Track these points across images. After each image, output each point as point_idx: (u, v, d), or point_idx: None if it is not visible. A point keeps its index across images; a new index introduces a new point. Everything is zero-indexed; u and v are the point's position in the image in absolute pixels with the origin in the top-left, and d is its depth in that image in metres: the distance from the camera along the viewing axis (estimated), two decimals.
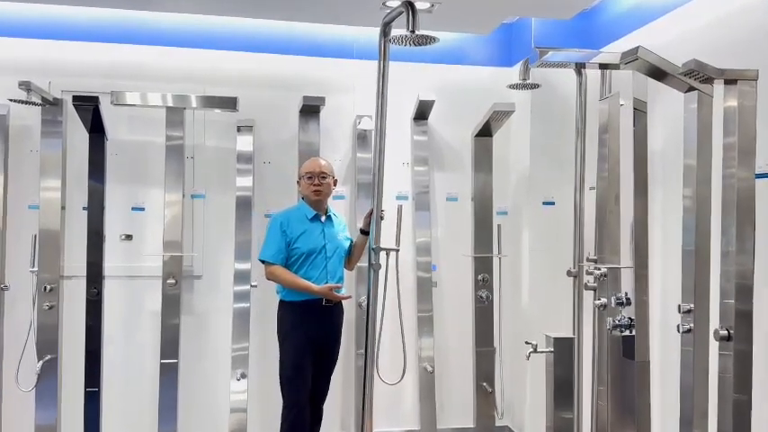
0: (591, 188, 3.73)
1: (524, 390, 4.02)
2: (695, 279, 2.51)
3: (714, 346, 2.47)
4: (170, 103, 3.70)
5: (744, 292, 2.28)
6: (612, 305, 2.89)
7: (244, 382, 3.67)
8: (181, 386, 3.74)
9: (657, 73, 2.51)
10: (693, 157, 2.52)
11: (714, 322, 2.49)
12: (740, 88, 2.27)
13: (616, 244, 3.15)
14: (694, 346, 2.51)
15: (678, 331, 2.54)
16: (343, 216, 3.68)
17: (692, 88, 2.53)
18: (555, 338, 3.06)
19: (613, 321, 2.88)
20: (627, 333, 2.88)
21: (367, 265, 2.83)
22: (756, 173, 2.34)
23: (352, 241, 3.44)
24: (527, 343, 3.10)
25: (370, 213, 3.14)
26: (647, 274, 2.87)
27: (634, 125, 2.86)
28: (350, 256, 3.44)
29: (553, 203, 3.99)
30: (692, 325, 2.52)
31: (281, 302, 3.28)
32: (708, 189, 2.53)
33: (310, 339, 3.20)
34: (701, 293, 2.53)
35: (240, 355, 3.70)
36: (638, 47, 2.42)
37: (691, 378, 2.51)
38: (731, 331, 2.29)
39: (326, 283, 3.20)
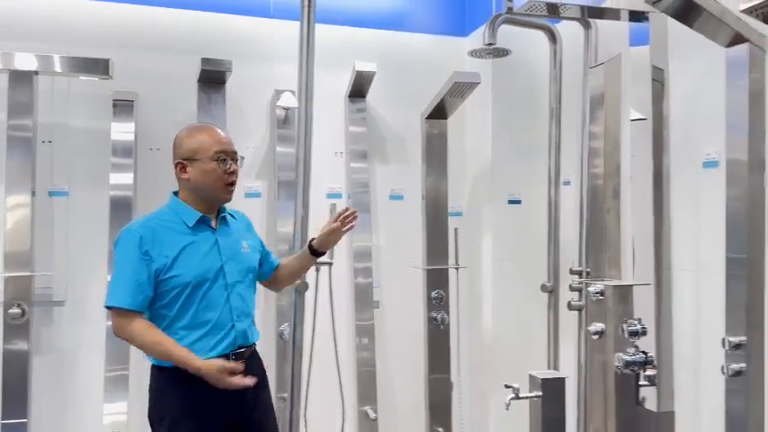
0: (565, 183, 3.05)
1: None
2: (747, 303, 1.83)
3: None
4: (16, 66, 2.70)
5: None
6: (624, 335, 2.16)
7: None
8: None
9: (693, 13, 1.80)
10: (742, 144, 1.84)
11: None
12: None
13: (616, 253, 2.43)
14: (748, 393, 1.82)
15: (723, 373, 1.85)
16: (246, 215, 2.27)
17: (738, 39, 1.85)
18: (543, 379, 2.33)
19: (624, 357, 2.15)
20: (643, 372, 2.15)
21: None
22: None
23: (265, 252, 2.23)
24: (507, 387, 2.34)
25: (338, 217, 2.17)
26: (671, 295, 2.17)
27: (652, 100, 2.15)
28: (276, 273, 2.26)
29: (519, 202, 3.27)
30: (743, 365, 1.83)
31: (156, 370, 1.96)
32: (761, 184, 1.86)
33: (220, 426, 1.95)
34: (754, 322, 1.84)
35: (116, 408, 2.73)
36: None
37: None
38: None
39: (228, 335, 1.95)
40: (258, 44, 3.18)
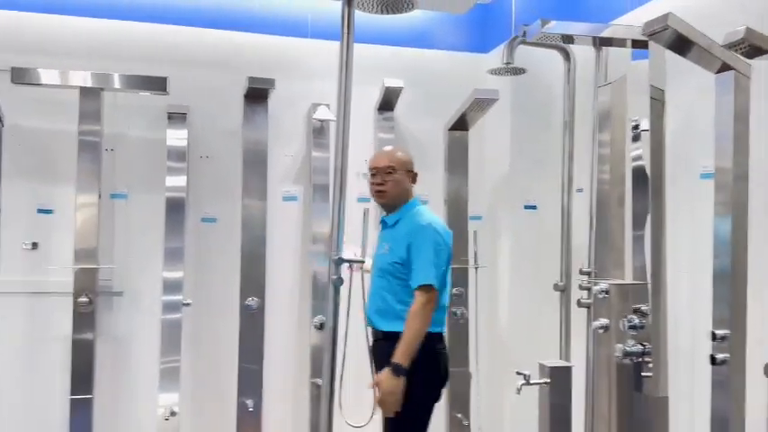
0: (578, 190, 3.30)
1: (502, 422, 3.52)
2: (732, 300, 2.07)
3: (753, 380, 2.04)
4: (85, 83, 3.05)
5: None
6: (624, 329, 2.42)
7: (174, 420, 3.03)
8: (96, 427, 3.06)
9: (685, 46, 2.06)
10: (728, 154, 2.09)
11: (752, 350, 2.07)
12: None
13: (620, 255, 2.68)
14: (730, 379, 2.07)
15: (712, 363, 2.09)
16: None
17: (725, 67, 2.10)
18: (551, 367, 2.59)
19: (624, 348, 2.40)
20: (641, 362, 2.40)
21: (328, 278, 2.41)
22: None
23: (409, 268, 2.44)
24: (518, 373, 2.61)
25: None
26: (666, 293, 2.42)
27: (651, 116, 2.40)
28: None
29: (535, 207, 3.53)
30: (727, 355, 2.08)
31: None
32: (745, 192, 2.10)
33: None
34: (737, 316, 2.09)
35: (170, 389, 3.06)
36: (668, 13, 1.97)
37: (726, 419, 2.07)
38: None
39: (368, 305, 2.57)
40: (297, 61, 3.49)
